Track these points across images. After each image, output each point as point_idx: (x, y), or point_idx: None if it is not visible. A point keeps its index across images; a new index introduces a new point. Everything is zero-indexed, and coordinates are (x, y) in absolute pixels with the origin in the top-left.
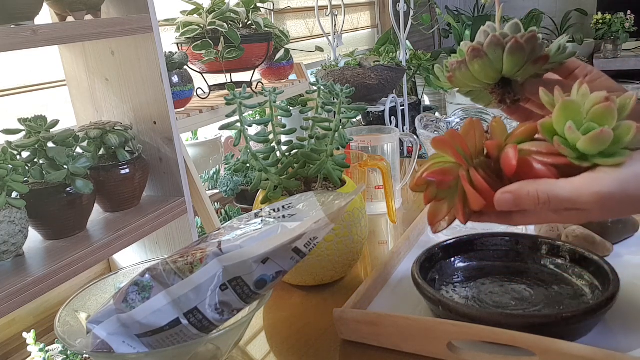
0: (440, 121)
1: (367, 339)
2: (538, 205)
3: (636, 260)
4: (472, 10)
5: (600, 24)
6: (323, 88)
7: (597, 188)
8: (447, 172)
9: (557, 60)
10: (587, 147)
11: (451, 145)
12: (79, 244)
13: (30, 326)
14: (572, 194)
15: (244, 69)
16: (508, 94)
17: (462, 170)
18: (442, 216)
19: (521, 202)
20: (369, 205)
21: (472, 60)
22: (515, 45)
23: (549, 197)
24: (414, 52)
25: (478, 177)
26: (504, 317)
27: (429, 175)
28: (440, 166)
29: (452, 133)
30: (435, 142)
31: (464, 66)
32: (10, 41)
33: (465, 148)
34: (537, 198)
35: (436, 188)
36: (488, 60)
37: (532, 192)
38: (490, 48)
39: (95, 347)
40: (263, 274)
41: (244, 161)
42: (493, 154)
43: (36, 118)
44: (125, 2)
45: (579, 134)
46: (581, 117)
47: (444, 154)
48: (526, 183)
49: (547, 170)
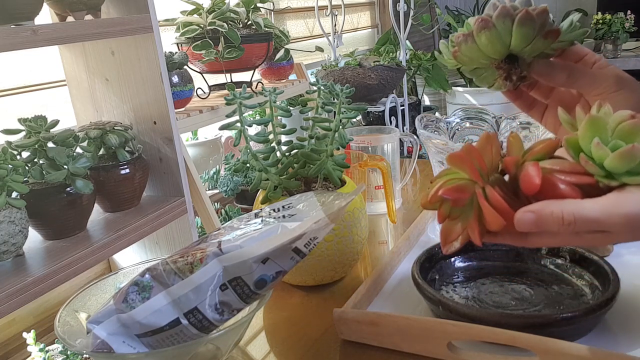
0: (440, 121)
1: (367, 339)
2: (562, 226)
3: (636, 260)
4: (472, 10)
5: (600, 24)
6: (323, 88)
7: (627, 209)
8: (463, 189)
9: (568, 39)
10: (616, 165)
11: (469, 161)
12: (79, 244)
13: (30, 326)
14: (601, 215)
15: (244, 69)
16: (515, 70)
17: (478, 188)
18: (455, 236)
19: (544, 223)
20: (369, 205)
21: (479, 31)
22: (526, 16)
23: (574, 218)
24: (414, 52)
25: (496, 195)
26: (504, 317)
27: (444, 193)
28: (455, 182)
29: (468, 148)
30: (452, 158)
31: (470, 39)
32: (10, 41)
33: (482, 164)
34: (562, 219)
35: (451, 205)
36: (496, 32)
37: (557, 212)
38: (500, 19)
39: (95, 347)
40: (263, 274)
41: (244, 161)
42: (511, 171)
43: (36, 118)
44: (125, 2)
45: (607, 150)
46: (607, 135)
47: (460, 170)
48: (549, 203)
49: (571, 190)
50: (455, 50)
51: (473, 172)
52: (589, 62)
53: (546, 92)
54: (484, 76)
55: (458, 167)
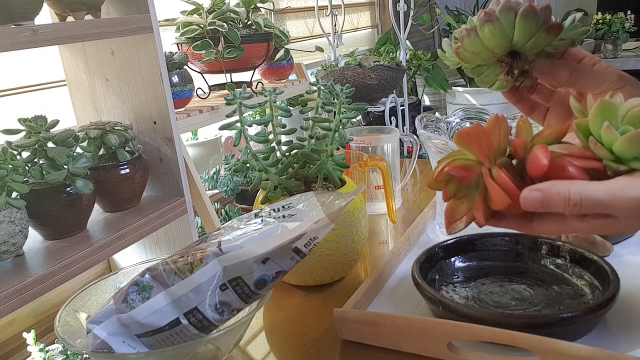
0: (440, 121)
1: (367, 339)
2: (568, 206)
3: (636, 260)
4: (472, 10)
5: (600, 24)
6: (323, 88)
7: (634, 193)
8: (470, 168)
9: (570, 37)
10: (625, 149)
11: (477, 140)
12: (79, 244)
13: (30, 326)
14: (606, 195)
15: (244, 69)
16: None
17: (485, 168)
18: (460, 215)
19: (550, 202)
20: (369, 205)
21: (482, 25)
22: (529, 9)
23: (581, 199)
24: (414, 52)
25: (502, 175)
26: (504, 317)
27: (451, 170)
28: (462, 162)
29: (478, 128)
30: (461, 135)
31: (473, 33)
32: (10, 41)
33: (490, 145)
34: (568, 198)
35: (456, 185)
36: (499, 25)
37: (564, 192)
38: (503, 12)
39: (95, 347)
40: (263, 274)
41: (244, 161)
42: (519, 153)
43: (36, 118)
44: (125, 2)
45: (617, 134)
46: (618, 120)
47: (468, 149)
48: (557, 182)
49: (579, 173)
50: (457, 46)
51: (481, 151)
52: (588, 63)
53: (547, 94)
54: (486, 74)
55: (466, 145)
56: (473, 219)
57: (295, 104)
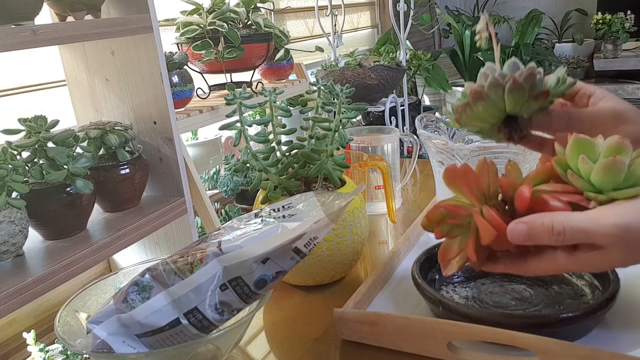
0: (440, 121)
1: (367, 339)
2: (552, 236)
3: None
4: (472, 10)
5: (600, 24)
6: (323, 88)
7: (614, 219)
8: (461, 207)
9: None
10: (601, 178)
11: (465, 180)
12: (79, 244)
13: (30, 326)
14: (589, 224)
15: (244, 69)
16: (515, 131)
17: (476, 208)
18: (453, 254)
19: (535, 233)
20: (369, 205)
21: (475, 102)
22: (514, 85)
23: (564, 228)
24: (414, 52)
25: (491, 212)
26: (504, 317)
27: (442, 205)
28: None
29: (465, 168)
30: (449, 172)
31: (468, 108)
32: (10, 41)
33: (479, 186)
34: (552, 228)
35: (449, 222)
36: (490, 101)
37: (547, 222)
38: (491, 89)
39: (95, 347)
40: (263, 274)
41: (244, 161)
42: (507, 192)
43: (36, 118)
44: (125, 2)
45: (592, 164)
46: (595, 154)
47: (457, 190)
48: (540, 214)
49: (563, 205)
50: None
51: (470, 191)
52: (584, 95)
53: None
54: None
55: (454, 185)
56: (467, 260)
57: (295, 104)
